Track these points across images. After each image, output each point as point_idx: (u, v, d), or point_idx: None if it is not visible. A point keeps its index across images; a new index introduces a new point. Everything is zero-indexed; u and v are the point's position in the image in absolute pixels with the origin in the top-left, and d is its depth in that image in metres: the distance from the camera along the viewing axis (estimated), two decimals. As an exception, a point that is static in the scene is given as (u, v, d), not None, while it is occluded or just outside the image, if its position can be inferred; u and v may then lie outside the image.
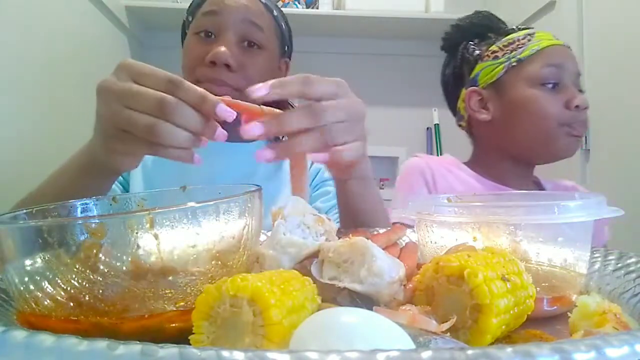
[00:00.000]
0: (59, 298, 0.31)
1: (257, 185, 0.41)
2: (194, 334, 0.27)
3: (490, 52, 1.00)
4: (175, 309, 0.31)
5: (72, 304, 0.31)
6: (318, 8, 1.96)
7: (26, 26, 1.22)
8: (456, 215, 0.42)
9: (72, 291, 0.31)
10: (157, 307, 0.31)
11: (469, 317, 0.30)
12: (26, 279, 0.32)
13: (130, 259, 0.32)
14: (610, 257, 0.46)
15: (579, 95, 0.93)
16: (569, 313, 0.35)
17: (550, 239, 0.42)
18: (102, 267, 0.32)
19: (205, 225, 0.34)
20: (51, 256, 0.31)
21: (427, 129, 2.19)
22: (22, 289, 0.32)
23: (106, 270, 0.32)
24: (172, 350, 0.20)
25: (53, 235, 0.31)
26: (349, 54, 2.15)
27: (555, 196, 0.55)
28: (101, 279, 0.32)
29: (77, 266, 0.31)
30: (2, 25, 1.12)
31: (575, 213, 0.39)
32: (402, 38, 2.11)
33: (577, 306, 0.35)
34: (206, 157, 0.91)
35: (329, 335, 0.24)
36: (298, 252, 0.39)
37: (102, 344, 0.21)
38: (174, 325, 0.31)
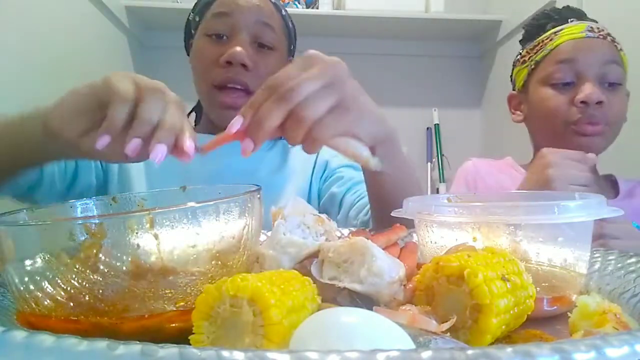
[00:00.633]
0: (59, 298, 0.31)
1: (257, 185, 0.41)
2: (194, 334, 0.27)
3: (520, 56, 1.01)
4: (175, 309, 0.31)
5: (72, 304, 0.31)
6: (318, 8, 1.96)
7: (26, 26, 1.22)
8: (456, 215, 0.42)
9: (72, 291, 0.31)
10: (157, 307, 0.31)
11: (469, 317, 0.30)
12: (26, 279, 0.32)
13: (130, 259, 0.32)
14: (610, 257, 0.46)
15: (587, 89, 0.87)
16: (569, 313, 0.35)
17: (550, 239, 0.42)
18: (102, 267, 0.32)
19: (205, 225, 0.34)
20: (51, 256, 0.31)
21: (427, 129, 2.19)
22: (22, 289, 0.32)
23: (106, 270, 0.32)
24: (172, 350, 0.20)
25: (53, 236, 0.31)
26: (349, 54, 2.14)
27: (555, 196, 0.55)
28: (101, 279, 0.32)
29: (77, 266, 0.31)
30: (2, 25, 1.12)
31: (575, 213, 0.39)
32: (402, 38, 2.11)
33: (577, 306, 0.35)
34: (210, 154, 0.91)
35: (329, 335, 0.24)
36: (298, 252, 0.39)
37: (102, 344, 0.21)
38: (174, 325, 0.31)
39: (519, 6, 1.81)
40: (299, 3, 1.95)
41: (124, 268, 0.33)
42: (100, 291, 0.31)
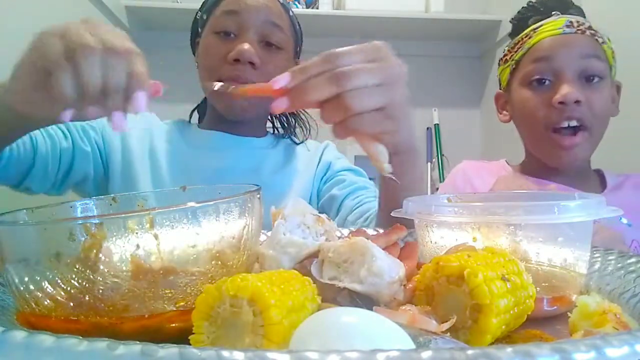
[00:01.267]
0: (59, 298, 0.31)
1: (256, 185, 0.41)
2: (194, 334, 0.27)
3: (503, 56, 0.99)
4: (175, 309, 0.31)
5: (72, 304, 0.31)
6: (318, 8, 1.96)
7: (26, 26, 1.21)
8: (456, 215, 0.42)
9: (72, 291, 0.31)
10: (157, 307, 0.31)
11: (469, 317, 0.30)
12: (26, 279, 0.32)
13: (130, 259, 0.32)
14: (610, 257, 0.46)
15: (564, 89, 0.84)
16: (569, 313, 0.35)
17: (550, 239, 0.42)
18: (102, 267, 0.32)
19: (205, 225, 0.34)
20: (51, 256, 0.31)
21: (427, 129, 2.19)
22: (22, 289, 0.32)
23: (106, 270, 0.32)
24: (172, 350, 0.20)
25: (53, 235, 0.31)
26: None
27: (555, 196, 0.55)
28: (101, 279, 0.32)
29: (77, 266, 0.31)
30: (2, 25, 1.12)
31: (575, 213, 0.39)
32: (402, 38, 2.11)
33: (577, 306, 0.35)
34: (214, 150, 0.92)
35: (329, 335, 0.24)
36: (298, 252, 0.39)
37: (102, 344, 0.21)
38: (174, 325, 0.31)
39: (519, 6, 1.81)
40: (299, 3, 1.95)
41: (124, 268, 0.33)
42: (100, 291, 0.31)
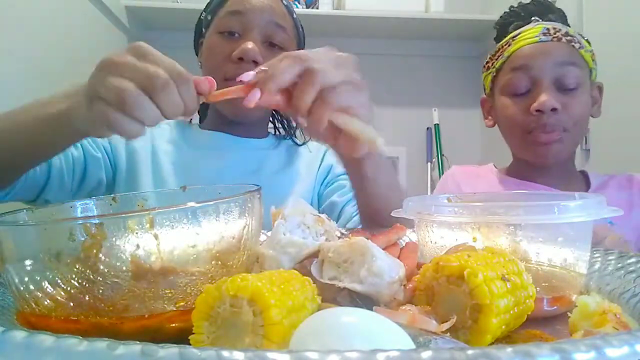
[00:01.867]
0: (59, 298, 0.31)
1: (256, 185, 0.41)
2: (194, 334, 0.27)
3: (486, 62, 1.01)
4: (175, 309, 0.31)
5: (72, 304, 0.31)
6: (318, 8, 1.96)
7: (26, 26, 1.22)
8: (456, 215, 0.42)
9: (72, 291, 0.31)
10: (157, 307, 0.31)
11: (469, 317, 0.30)
12: (26, 279, 0.32)
13: (130, 259, 0.32)
14: (610, 257, 0.46)
15: (541, 98, 0.87)
16: (569, 313, 0.35)
17: (550, 239, 0.42)
18: (102, 267, 0.32)
19: (205, 225, 0.34)
20: (51, 256, 0.31)
21: (427, 129, 2.19)
22: (22, 289, 0.32)
23: (106, 270, 0.32)
24: (172, 350, 0.20)
25: (53, 236, 0.31)
26: (349, 54, 2.14)
27: (555, 196, 0.55)
28: (101, 279, 0.32)
29: (77, 266, 0.31)
30: (2, 25, 1.12)
31: (575, 213, 0.39)
32: (402, 38, 2.11)
33: (577, 306, 0.35)
34: (215, 151, 0.92)
35: (329, 335, 0.24)
36: (298, 252, 0.39)
37: (102, 344, 0.21)
38: (174, 325, 0.31)
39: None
40: (299, 3, 1.95)
41: (124, 268, 0.33)
42: (100, 291, 0.31)
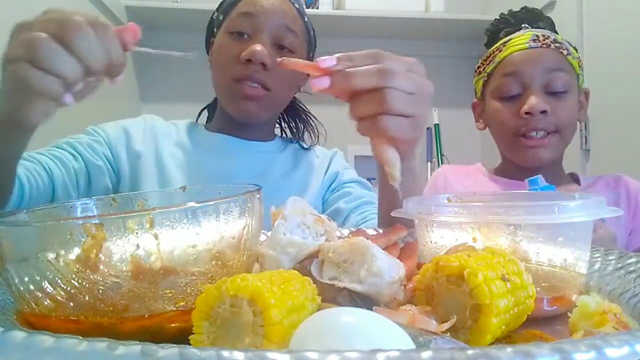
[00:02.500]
0: (59, 298, 0.31)
1: (257, 185, 0.41)
2: (194, 334, 0.27)
3: (477, 67, 1.04)
4: (175, 309, 0.31)
5: (72, 304, 0.31)
6: (318, 8, 1.96)
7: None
8: (456, 215, 0.42)
9: (72, 291, 0.31)
10: (157, 307, 0.31)
11: (469, 317, 0.30)
12: (26, 279, 0.32)
13: (130, 259, 0.32)
14: (610, 257, 0.46)
15: (531, 101, 0.90)
16: (569, 313, 0.35)
17: (550, 239, 0.42)
18: (102, 267, 0.32)
19: (205, 225, 0.34)
20: (51, 256, 0.31)
21: (427, 129, 2.19)
22: (22, 289, 0.32)
23: (106, 270, 0.32)
24: (172, 350, 0.20)
25: (53, 235, 0.31)
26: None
27: (555, 196, 0.55)
28: (101, 279, 0.32)
29: (77, 266, 0.31)
30: (2, 25, 1.12)
31: (575, 213, 0.39)
32: (402, 38, 2.11)
33: (577, 306, 0.35)
34: (221, 153, 0.92)
35: (329, 335, 0.24)
36: (298, 252, 0.39)
37: (102, 344, 0.21)
38: (174, 325, 0.31)
39: (519, 6, 1.81)
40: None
41: (124, 268, 0.33)
42: (100, 291, 0.31)
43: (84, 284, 0.31)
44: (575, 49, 0.98)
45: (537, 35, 0.95)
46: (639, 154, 1.23)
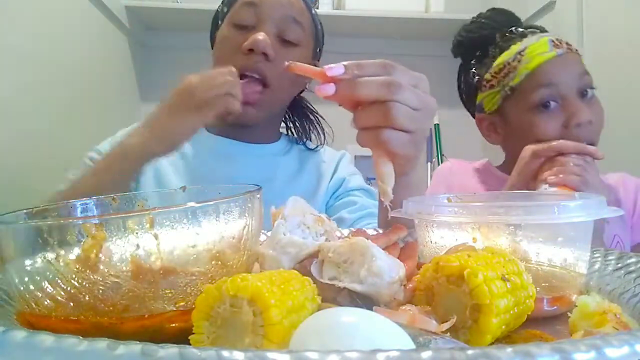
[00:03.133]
0: (59, 298, 0.31)
1: (257, 185, 0.41)
2: (194, 334, 0.27)
3: (486, 81, 0.99)
4: (175, 309, 0.31)
5: (72, 304, 0.31)
6: (318, 8, 1.96)
7: (26, 26, 1.22)
8: (456, 215, 0.42)
9: (72, 291, 0.31)
10: (157, 307, 0.31)
11: (469, 317, 0.30)
12: (26, 279, 0.32)
13: (130, 259, 0.32)
14: (610, 257, 0.46)
15: (579, 112, 0.87)
16: (569, 313, 0.35)
17: (550, 239, 0.42)
18: (102, 267, 0.32)
19: (205, 225, 0.34)
20: (51, 256, 0.31)
21: (427, 129, 2.19)
22: (22, 289, 0.32)
23: (106, 270, 0.32)
24: (172, 350, 0.20)
25: (53, 235, 0.31)
26: (349, 54, 2.13)
27: (555, 196, 0.55)
28: (101, 279, 0.32)
29: (77, 266, 0.31)
30: (2, 25, 1.12)
31: (575, 213, 0.39)
32: (402, 38, 2.11)
33: (577, 306, 0.35)
34: (224, 159, 0.90)
35: (329, 335, 0.24)
36: (298, 252, 0.39)
37: (102, 344, 0.21)
38: (174, 325, 0.31)
39: (519, 6, 1.82)
40: (299, 3, 1.95)
41: (124, 268, 0.33)
42: (100, 291, 0.31)
43: (84, 284, 0.31)
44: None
45: (553, 40, 0.91)
46: (639, 154, 1.23)
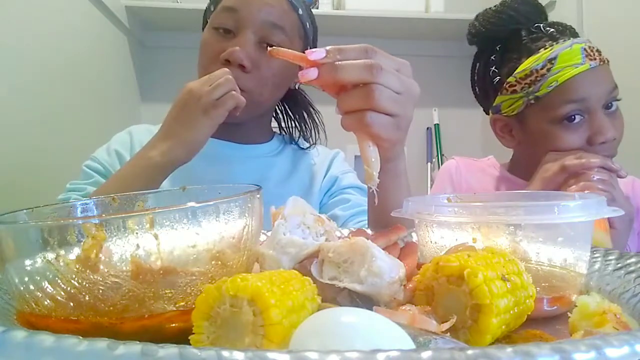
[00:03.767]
0: (59, 298, 0.31)
1: (257, 185, 0.41)
2: (194, 334, 0.27)
3: (509, 84, 0.93)
4: (175, 309, 0.31)
5: (72, 304, 0.31)
6: (318, 8, 1.96)
7: (26, 26, 1.22)
8: (456, 215, 0.42)
9: (72, 291, 0.31)
10: (157, 307, 0.31)
11: (469, 317, 0.30)
12: (26, 279, 0.32)
13: (130, 259, 0.32)
14: (610, 257, 0.46)
15: (604, 129, 0.85)
16: (569, 313, 0.35)
17: (550, 239, 0.42)
18: (102, 267, 0.32)
19: (205, 225, 0.34)
20: (51, 256, 0.31)
21: (427, 129, 2.19)
22: (22, 289, 0.32)
23: (106, 270, 0.32)
24: (172, 350, 0.20)
25: (53, 236, 0.31)
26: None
27: (555, 196, 0.55)
28: (101, 279, 0.32)
29: (77, 266, 0.31)
30: (2, 25, 1.12)
31: (575, 213, 0.39)
32: (402, 38, 2.11)
33: (577, 306, 0.35)
34: (216, 161, 0.89)
35: (329, 335, 0.24)
36: (298, 252, 0.39)
37: (102, 344, 0.21)
38: (174, 325, 0.31)
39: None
40: (299, 3, 1.95)
41: (124, 268, 0.33)
42: (100, 291, 0.31)
43: (84, 284, 0.31)
44: None
45: (585, 49, 0.87)
46: (639, 154, 1.23)
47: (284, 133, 1.04)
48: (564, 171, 0.79)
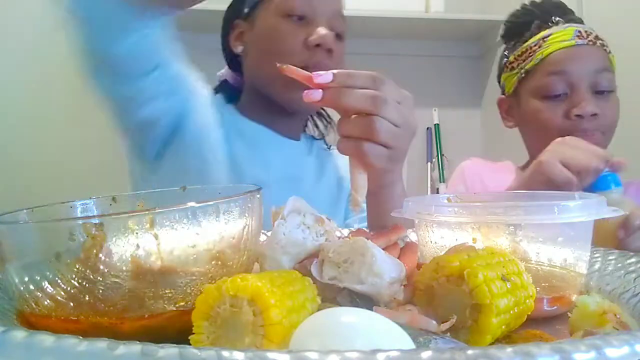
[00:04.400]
0: (59, 298, 0.31)
1: (257, 186, 0.41)
2: (194, 334, 0.27)
3: (509, 62, 0.98)
4: (175, 309, 0.31)
5: (72, 304, 0.31)
6: (318, 8, 1.97)
7: (26, 26, 1.22)
8: (456, 215, 0.42)
9: (72, 291, 0.31)
10: (157, 307, 0.31)
11: (469, 317, 0.30)
12: (26, 279, 0.32)
13: (130, 259, 0.32)
14: (610, 257, 0.46)
15: (583, 102, 0.86)
16: (569, 313, 0.35)
17: (550, 239, 0.42)
18: (102, 267, 0.32)
19: (205, 225, 0.34)
20: (51, 256, 0.31)
21: (427, 129, 2.19)
22: (22, 289, 0.32)
23: (106, 270, 0.32)
24: (172, 350, 0.20)
25: (53, 235, 0.31)
26: (349, 54, 2.13)
27: (555, 196, 0.55)
28: (101, 279, 0.32)
29: (77, 266, 0.31)
30: (2, 25, 1.12)
31: (575, 213, 0.39)
32: (402, 38, 2.11)
33: (577, 306, 0.35)
34: (259, 147, 0.87)
35: (329, 335, 0.24)
36: (298, 252, 0.39)
37: (102, 344, 0.21)
38: (174, 325, 0.31)
39: (518, 6, 1.82)
40: (299, 3, 1.95)
41: (124, 268, 0.33)
42: (100, 291, 0.31)
43: (84, 284, 0.31)
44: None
45: (580, 31, 0.90)
46: (639, 154, 1.23)
47: (309, 132, 1.03)
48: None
